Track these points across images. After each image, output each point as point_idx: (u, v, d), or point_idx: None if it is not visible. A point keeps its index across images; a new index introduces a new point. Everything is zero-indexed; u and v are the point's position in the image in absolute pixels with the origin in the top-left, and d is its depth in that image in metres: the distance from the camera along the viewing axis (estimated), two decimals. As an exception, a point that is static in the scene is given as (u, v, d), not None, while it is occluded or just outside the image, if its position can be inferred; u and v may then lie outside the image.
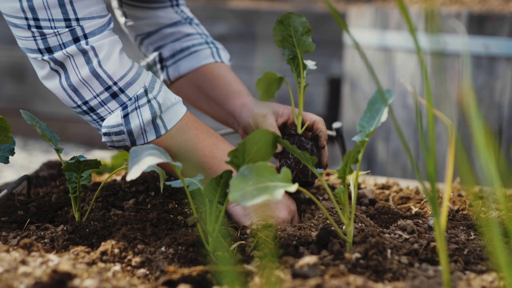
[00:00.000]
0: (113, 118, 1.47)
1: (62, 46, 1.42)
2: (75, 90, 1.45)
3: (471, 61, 3.18)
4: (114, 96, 1.46)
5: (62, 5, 1.40)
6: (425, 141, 1.06)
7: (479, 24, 3.17)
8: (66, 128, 4.99)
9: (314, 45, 1.52)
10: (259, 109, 1.67)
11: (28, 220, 1.48)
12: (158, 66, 1.86)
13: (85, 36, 1.43)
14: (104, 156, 2.39)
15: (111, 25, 1.49)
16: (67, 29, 1.41)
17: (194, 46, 1.84)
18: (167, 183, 1.35)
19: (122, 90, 1.46)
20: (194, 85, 1.83)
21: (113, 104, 1.46)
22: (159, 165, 1.49)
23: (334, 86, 4.61)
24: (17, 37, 1.45)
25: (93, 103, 1.46)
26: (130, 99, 1.46)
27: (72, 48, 1.42)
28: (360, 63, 3.75)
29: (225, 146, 1.55)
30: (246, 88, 1.80)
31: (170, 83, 1.87)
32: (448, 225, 1.44)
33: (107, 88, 1.45)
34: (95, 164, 1.39)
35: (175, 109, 1.51)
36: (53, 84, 1.47)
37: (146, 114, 1.47)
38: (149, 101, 1.47)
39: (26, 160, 4.61)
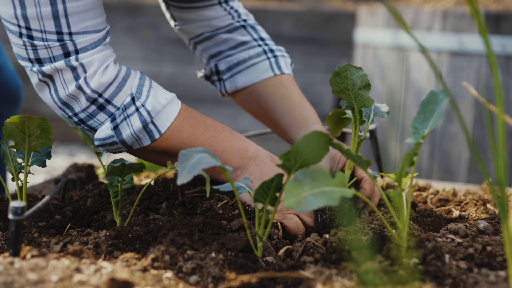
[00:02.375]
0: (103, 131, 1.43)
1: (52, 59, 1.38)
2: (64, 103, 1.42)
3: (487, 61, 3.16)
4: (101, 108, 1.42)
5: (56, 17, 1.35)
6: (495, 144, 1.03)
7: (496, 23, 3.15)
8: (71, 130, 4.95)
9: (372, 101, 1.44)
10: None
11: (69, 225, 1.45)
12: (215, 77, 1.80)
13: (77, 52, 1.39)
14: (125, 157, 2.36)
15: (107, 39, 1.45)
16: (58, 43, 1.37)
17: (251, 59, 1.76)
18: (215, 187, 1.32)
19: (108, 101, 1.42)
20: (255, 101, 1.76)
21: (101, 116, 1.43)
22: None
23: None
24: (12, 42, 1.41)
25: (82, 115, 1.43)
26: (118, 109, 1.42)
27: (61, 63, 1.38)
28: (371, 62, 3.72)
29: (225, 136, 1.49)
30: (311, 110, 1.70)
31: (228, 95, 1.81)
32: (498, 227, 1.42)
33: (93, 101, 1.41)
34: (139, 167, 1.35)
35: (167, 111, 1.46)
36: (43, 95, 1.44)
37: (136, 123, 1.42)
38: (137, 109, 1.43)
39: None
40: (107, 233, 1.34)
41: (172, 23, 1.81)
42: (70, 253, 1.19)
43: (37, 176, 3.98)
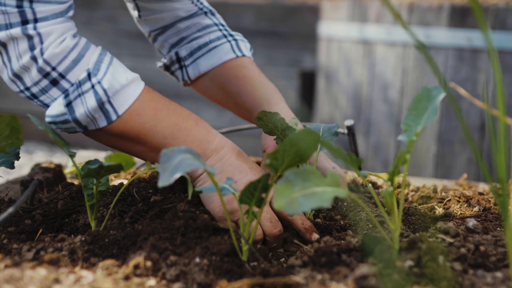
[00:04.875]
0: (55, 107, 1.34)
1: (9, 26, 1.30)
2: (16, 75, 1.34)
3: (453, 54, 3.15)
4: (54, 83, 1.33)
5: None
6: (496, 142, 0.99)
7: (462, 16, 3.13)
8: (28, 125, 4.81)
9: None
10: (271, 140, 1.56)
11: (41, 230, 1.37)
12: (177, 65, 1.73)
13: (35, 20, 1.30)
14: (91, 155, 2.28)
15: (70, 12, 1.36)
16: (16, 9, 1.29)
17: (212, 42, 1.71)
18: (197, 189, 1.25)
19: (62, 76, 1.33)
20: (218, 86, 1.71)
21: (54, 91, 1.34)
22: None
23: (307, 80, 4.55)
24: None
25: (34, 90, 1.35)
26: (72, 84, 1.34)
27: (17, 31, 1.30)
28: (336, 56, 3.69)
29: (188, 125, 1.41)
30: (274, 89, 1.67)
31: (191, 82, 1.75)
32: (486, 225, 1.38)
33: (46, 75, 1.33)
34: (117, 169, 1.28)
35: (127, 91, 1.37)
36: None
37: (90, 101, 1.34)
38: (93, 86, 1.34)
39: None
40: (83, 238, 1.27)
41: (135, 13, 1.73)
42: (46, 262, 1.12)
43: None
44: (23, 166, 4.05)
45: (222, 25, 1.77)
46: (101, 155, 2.23)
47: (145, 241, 1.24)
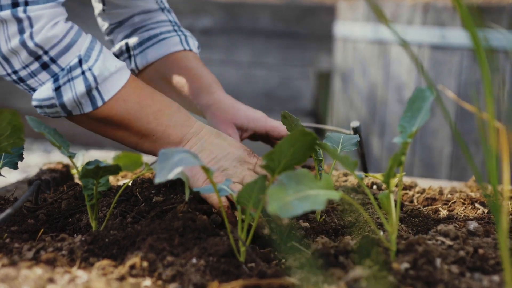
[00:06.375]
0: (44, 91, 1.36)
1: None
2: (4, 58, 1.35)
3: (469, 54, 3.12)
4: (44, 66, 1.35)
5: None
6: (486, 146, 0.98)
7: (477, 17, 3.11)
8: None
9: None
10: (222, 124, 1.65)
11: (42, 230, 1.38)
12: (126, 55, 1.79)
13: (26, 3, 1.31)
14: (102, 156, 2.30)
15: None
16: None
17: (162, 34, 1.78)
18: (195, 189, 1.26)
19: (53, 60, 1.35)
20: (162, 76, 1.77)
21: (43, 75, 1.36)
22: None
23: (323, 80, 4.53)
24: None
25: (22, 73, 1.36)
26: (62, 69, 1.36)
27: (7, 13, 1.30)
28: (351, 56, 3.68)
29: (172, 111, 1.46)
30: (213, 79, 1.74)
31: (138, 72, 1.80)
32: (488, 227, 1.37)
33: (37, 58, 1.34)
34: (115, 170, 1.29)
35: (115, 79, 1.41)
36: None
37: (79, 87, 1.36)
38: (83, 72, 1.36)
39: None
40: (83, 238, 1.28)
41: (100, 6, 1.79)
42: (43, 261, 1.13)
43: (10, 173, 3.89)
44: (40, 165, 4.08)
45: (175, 22, 1.84)
46: (111, 155, 2.24)
47: (143, 241, 1.24)
